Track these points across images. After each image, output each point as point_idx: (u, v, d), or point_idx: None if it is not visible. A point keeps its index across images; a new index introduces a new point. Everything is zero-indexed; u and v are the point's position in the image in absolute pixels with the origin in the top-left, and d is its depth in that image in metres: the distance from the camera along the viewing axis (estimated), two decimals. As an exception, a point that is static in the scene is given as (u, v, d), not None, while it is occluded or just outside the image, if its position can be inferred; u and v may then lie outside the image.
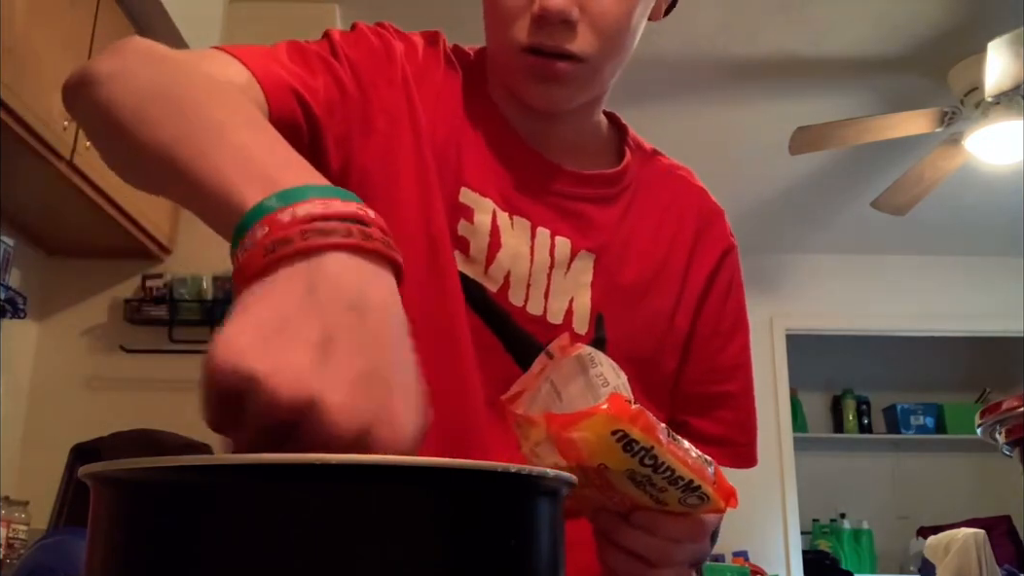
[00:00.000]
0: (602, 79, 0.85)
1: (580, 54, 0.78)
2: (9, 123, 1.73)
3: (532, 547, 0.39)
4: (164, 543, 0.35)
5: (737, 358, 1.00)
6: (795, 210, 4.48)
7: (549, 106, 0.84)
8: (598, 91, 0.87)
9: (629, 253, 0.87)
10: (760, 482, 4.72)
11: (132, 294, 2.52)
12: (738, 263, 1.02)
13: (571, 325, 0.83)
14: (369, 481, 0.35)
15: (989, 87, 2.69)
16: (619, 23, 0.80)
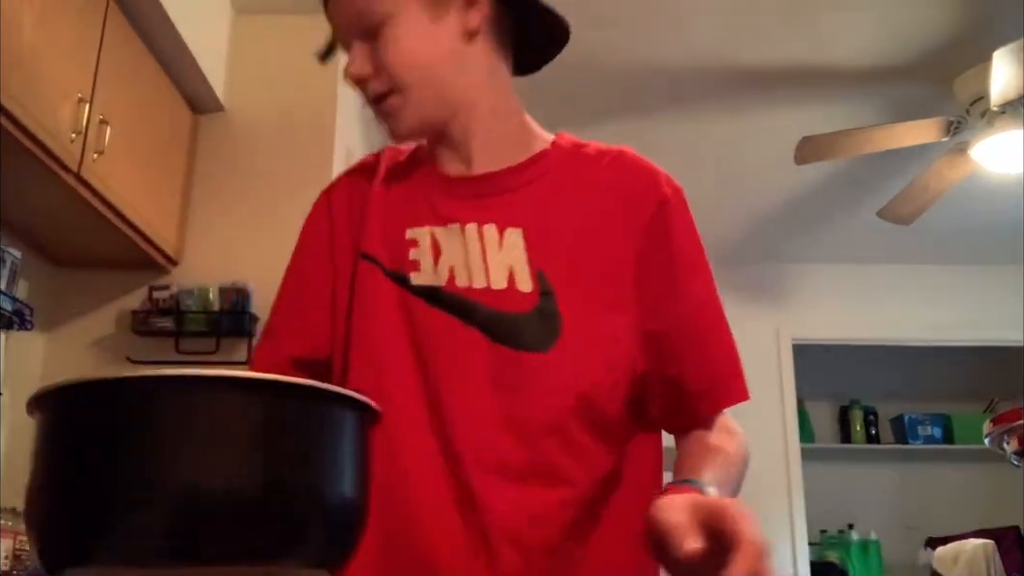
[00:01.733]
0: (438, 99, 0.99)
1: (391, 88, 0.98)
2: (16, 135, 1.74)
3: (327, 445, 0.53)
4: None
5: (699, 296, 1.03)
6: (801, 220, 4.48)
7: (398, 136, 1.03)
8: (447, 109, 1.00)
9: (557, 223, 0.98)
10: (767, 493, 4.71)
11: (139, 305, 2.52)
12: (678, 210, 1.06)
13: (515, 286, 0.94)
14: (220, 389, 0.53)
15: (995, 96, 2.69)
16: (409, 60, 0.97)
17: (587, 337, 0.93)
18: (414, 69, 0.97)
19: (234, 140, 2.69)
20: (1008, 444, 1.88)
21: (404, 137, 1.04)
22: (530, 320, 0.93)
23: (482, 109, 1.02)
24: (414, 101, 0.99)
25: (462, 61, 0.99)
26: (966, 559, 3.93)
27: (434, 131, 1.03)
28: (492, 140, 1.03)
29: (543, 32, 1.10)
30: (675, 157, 3.79)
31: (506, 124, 1.05)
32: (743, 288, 5.04)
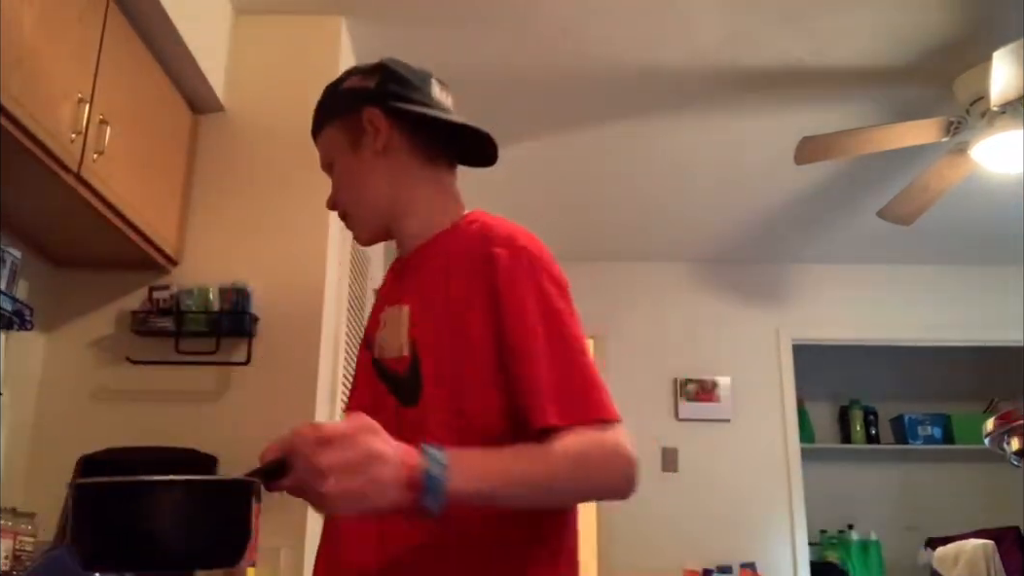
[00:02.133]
0: (373, 213, 1.31)
1: (344, 212, 1.34)
2: (16, 135, 1.74)
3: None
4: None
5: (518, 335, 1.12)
6: (801, 220, 4.48)
7: (360, 243, 1.37)
8: (384, 218, 1.31)
9: (431, 295, 1.19)
10: (767, 493, 4.71)
11: (139, 306, 2.52)
12: (503, 264, 1.18)
13: (401, 353, 1.17)
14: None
15: (994, 96, 2.69)
16: (347, 195, 1.33)
17: (440, 393, 1.11)
18: (352, 200, 1.32)
19: (234, 140, 2.69)
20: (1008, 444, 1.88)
21: (364, 244, 1.37)
22: (405, 381, 1.15)
23: (407, 206, 1.29)
24: (358, 220, 1.33)
25: (383, 177, 1.29)
26: (966, 559, 3.93)
27: (386, 233, 1.33)
28: (414, 229, 1.29)
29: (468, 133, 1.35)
30: (675, 157, 3.80)
31: (425, 213, 1.29)
32: (743, 288, 5.05)
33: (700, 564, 4.57)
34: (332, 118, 1.33)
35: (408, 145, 1.30)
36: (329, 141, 1.34)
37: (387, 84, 1.29)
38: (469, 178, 1.45)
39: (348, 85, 1.32)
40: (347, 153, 1.30)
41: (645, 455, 4.75)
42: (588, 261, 5.06)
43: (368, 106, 1.28)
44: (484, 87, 3.23)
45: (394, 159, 1.29)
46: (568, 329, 1.15)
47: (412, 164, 1.30)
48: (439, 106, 1.33)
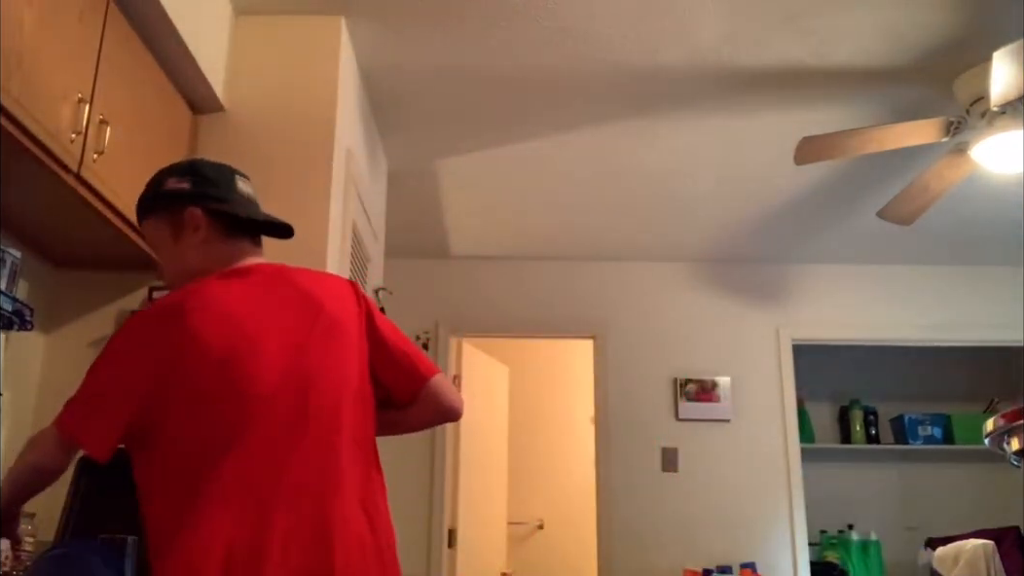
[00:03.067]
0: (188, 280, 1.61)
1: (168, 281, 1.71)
2: (17, 135, 1.74)
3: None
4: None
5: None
6: (801, 220, 4.48)
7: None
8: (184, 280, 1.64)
9: None
10: (767, 493, 4.71)
11: (139, 306, 2.52)
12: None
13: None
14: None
15: (995, 97, 2.69)
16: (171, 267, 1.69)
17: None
18: (175, 275, 1.68)
19: (234, 140, 2.69)
20: (1008, 444, 1.88)
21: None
22: None
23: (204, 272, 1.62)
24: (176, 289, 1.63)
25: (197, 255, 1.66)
26: (966, 559, 3.93)
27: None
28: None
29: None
30: (675, 157, 3.80)
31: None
32: (743, 288, 5.05)
33: (700, 564, 4.57)
34: (155, 212, 1.67)
35: (216, 234, 1.66)
36: (152, 231, 1.68)
37: (204, 186, 1.66)
38: (471, 179, 1.45)
39: (168, 187, 1.66)
40: (168, 241, 1.66)
41: (645, 455, 4.76)
42: (588, 261, 5.07)
43: (189, 205, 1.64)
44: (484, 87, 3.23)
45: (204, 245, 1.65)
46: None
47: (217, 243, 1.66)
48: (243, 197, 1.71)
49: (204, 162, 1.72)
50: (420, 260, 5.03)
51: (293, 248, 2.59)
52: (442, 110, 3.41)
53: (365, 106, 3.27)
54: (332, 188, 2.67)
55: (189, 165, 1.70)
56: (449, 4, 2.75)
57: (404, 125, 3.54)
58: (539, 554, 5.91)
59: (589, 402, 5.07)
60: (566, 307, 5.02)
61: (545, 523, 5.99)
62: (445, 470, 4.75)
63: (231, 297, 1.54)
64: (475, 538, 4.96)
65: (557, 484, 6.04)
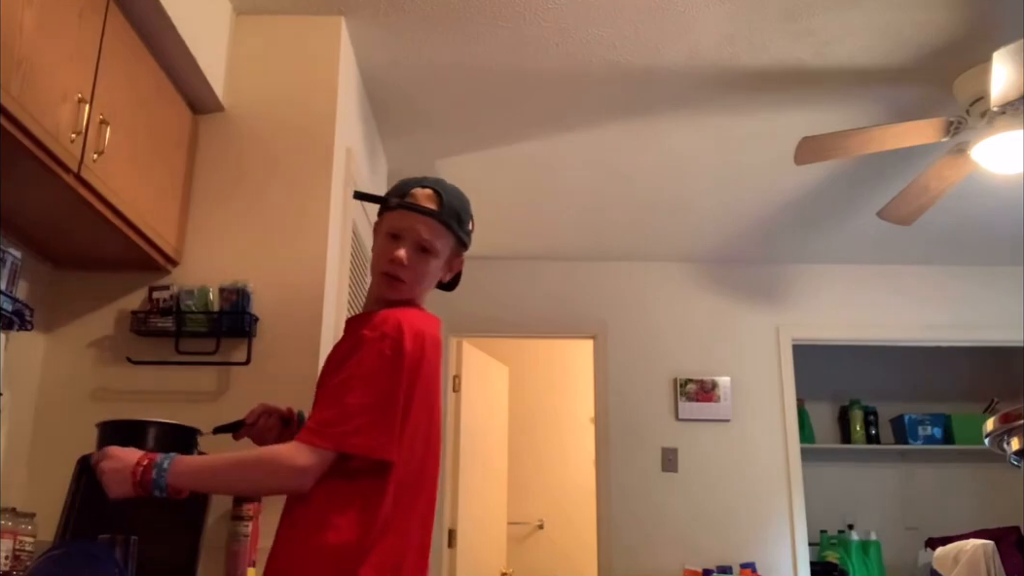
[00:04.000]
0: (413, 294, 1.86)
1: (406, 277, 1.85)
2: (17, 136, 1.74)
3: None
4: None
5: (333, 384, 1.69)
6: (801, 220, 4.48)
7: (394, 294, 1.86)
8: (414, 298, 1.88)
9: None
10: (767, 493, 4.71)
11: (139, 306, 2.52)
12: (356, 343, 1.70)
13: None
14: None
15: (995, 97, 2.69)
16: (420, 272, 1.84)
17: None
18: (415, 280, 1.83)
19: (234, 140, 2.69)
20: (1008, 444, 1.88)
21: (391, 297, 1.83)
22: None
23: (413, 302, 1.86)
24: (406, 289, 1.83)
25: (430, 285, 1.89)
26: (966, 559, 3.92)
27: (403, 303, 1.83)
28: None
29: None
30: (675, 157, 3.80)
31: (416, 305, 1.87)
32: (743, 288, 5.05)
33: (700, 564, 4.57)
34: (456, 237, 1.86)
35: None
36: (446, 244, 1.84)
37: (469, 239, 1.90)
38: (471, 179, 1.46)
39: (470, 228, 1.90)
40: (441, 261, 1.85)
41: (645, 455, 4.76)
42: (588, 261, 5.07)
43: (463, 254, 1.92)
44: (484, 87, 3.23)
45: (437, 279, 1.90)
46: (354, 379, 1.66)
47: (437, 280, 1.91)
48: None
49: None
50: (420, 260, 5.02)
51: (294, 248, 2.59)
52: (442, 110, 3.41)
53: (365, 106, 3.27)
54: (332, 188, 2.67)
55: (470, 213, 1.89)
56: (449, 4, 2.75)
57: (404, 125, 3.54)
58: (539, 554, 5.91)
59: (589, 402, 5.08)
60: (566, 307, 5.02)
61: (545, 523, 5.99)
62: (445, 470, 4.75)
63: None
64: (475, 538, 4.96)
65: (557, 484, 6.04)
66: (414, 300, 1.84)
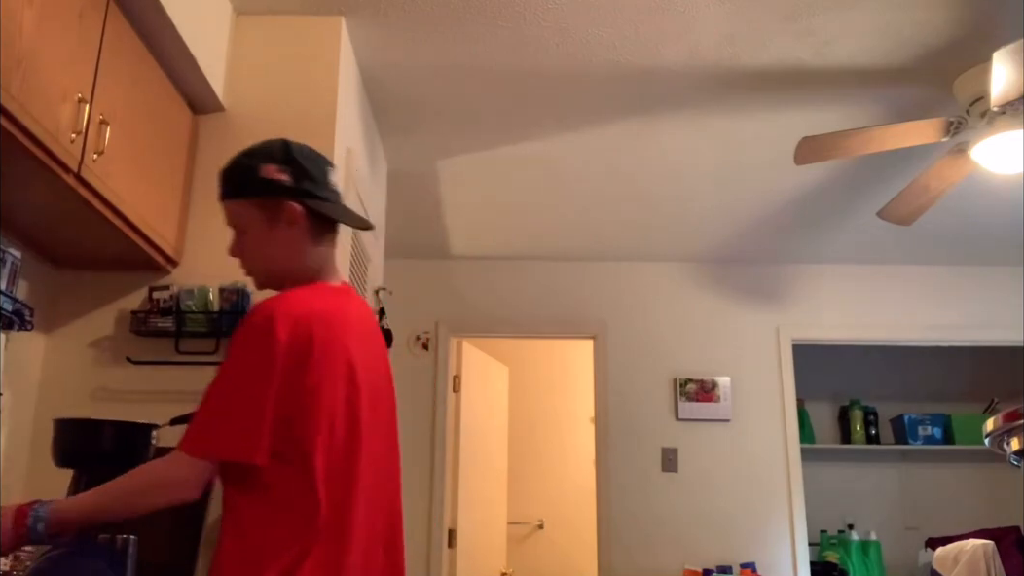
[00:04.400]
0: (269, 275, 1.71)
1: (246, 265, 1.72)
2: (17, 136, 1.74)
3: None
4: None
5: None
6: (801, 220, 4.48)
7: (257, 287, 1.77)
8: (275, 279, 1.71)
9: None
10: (767, 493, 4.71)
11: (139, 306, 2.52)
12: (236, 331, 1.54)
13: None
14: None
15: (995, 97, 2.69)
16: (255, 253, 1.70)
17: None
18: (256, 262, 1.69)
19: (234, 140, 2.68)
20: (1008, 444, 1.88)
21: (258, 288, 1.74)
22: None
23: (294, 274, 1.67)
24: (257, 276, 1.71)
25: (284, 251, 1.67)
26: (966, 559, 3.92)
27: (276, 287, 1.68)
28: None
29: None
30: (675, 157, 3.80)
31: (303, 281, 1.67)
32: (743, 288, 5.05)
33: (700, 564, 4.57)
34: (248, 196, 1.66)
35: (309, 230, 1.67)
36: (243, 213, 1.66)
37: (302, 180, 1.65)
38: (471, 179, 1.47)
39: (266, 175, 1.64)
40: (261, 227, 1.65)
41: (645, 455, 4.76)
42: (588, 261, 5.07)
43: (289, 200, 1.64)
44: (484, 87, 3.23)
45: (297, 239, 1.66)
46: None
47: (308, 242, 1.67)
48: (334, 193, 1.71)
49: (300, 150, 1.69)
50: (420, 260, 5.03)
51: (293, 248, 2.59)
52: (442, 110, 3.41)
53: (365, 106, 3.27)
54: (332, 188, 2.66)
55: (286, 151, 1.67)
56: (449, 4, 2.75)
57: (404, 125, 3.54)
58: (539, 554, 5.91)
59: (589, 402, 5.08)
60: (566, 307, 5.02)
61: (545, 523, 6.00)
62: (445, 470, 4.75)
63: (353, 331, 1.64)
64: (475, 538, 4.96)
65: (557, 484, 6.04)
66: (293, 277, 1.67)
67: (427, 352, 4.93)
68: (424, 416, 4.82)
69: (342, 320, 1.60)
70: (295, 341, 1.49)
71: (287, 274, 1.67)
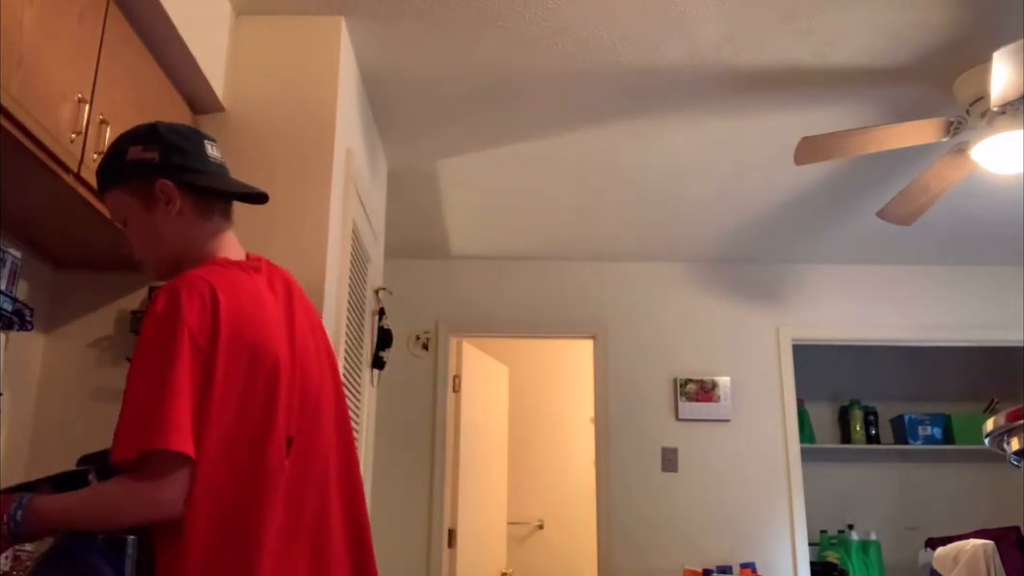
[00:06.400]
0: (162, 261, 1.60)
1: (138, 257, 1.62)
2: (17, 136, 1.74)
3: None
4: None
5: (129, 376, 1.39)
6: (801, 220, 4.48)
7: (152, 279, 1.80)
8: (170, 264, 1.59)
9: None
10: (767, 493, 4.71)
11: (139, 306, 2.53)
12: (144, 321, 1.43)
13: None
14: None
15: (995, 97, 2.69)
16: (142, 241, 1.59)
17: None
18: (145, 250, 1.59)
19: (234, 140, 2.69)
20: (1008, 444, 1.88)
21: (155, 279, 1.63)
22: None
23: (188, 254, 1.57)
24: (151, 265, 1.61)
25: (171, 232, 1.57)
26: (966, 559, 3.92)
27: (174, 272, 1.52)
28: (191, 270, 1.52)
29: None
30: (675, 157, 3.80)
31: (199, 259, 1.56)
32: (743, 288, 5.05)
33: (700, 564, 4.57)
34: (121, 183, 1.57)
35: (191, 206, 1.57)
36: (120, 202, 1.57)
37: (170, 155, 1.56)
38: (471, 179, 1.46)
39: (133, 157, 1.56)
40: (140, 213, 1.56)
41: (645, 455, 4.76)
42: (588, 261, 5.07)
43: (160, 178, 1.54)
44: (484, 87, 3.23)
45: (180, 218, 1.56)
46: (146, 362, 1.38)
47: (194, 220, 1.58)
48: (214, 164, 1.62)
49: (168, 127, 1.61)
50: (420, 260, 5.03)
51: (294, 248, 2.59)
52: (442, 110, 3.41)
53: (365, 106, 3.27)
54: (332, 188, 2.67)
55: (151, 130, 1.59)
56: (449, 4, 2.75)
57: (404, 125, 3.54)
58: (539, 554, 5.91)
59: (589, 402, 5.08)
60: (566, 307, 5.02)
61: (545, 523, 6.00)
62: (445, 470, 4.75)
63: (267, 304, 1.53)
64: (475, 538, 4.96)
65: (557, 484, 6.04)
66: (189, 259, 1.55)
67: (427, 352, 4.93)
68: (424, 416, 4.82)
69: (240, 289, 1.48)
70: (203, 316, 1.38)
71: (179, 257, 1.57)
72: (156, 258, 1.59)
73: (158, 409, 1.31)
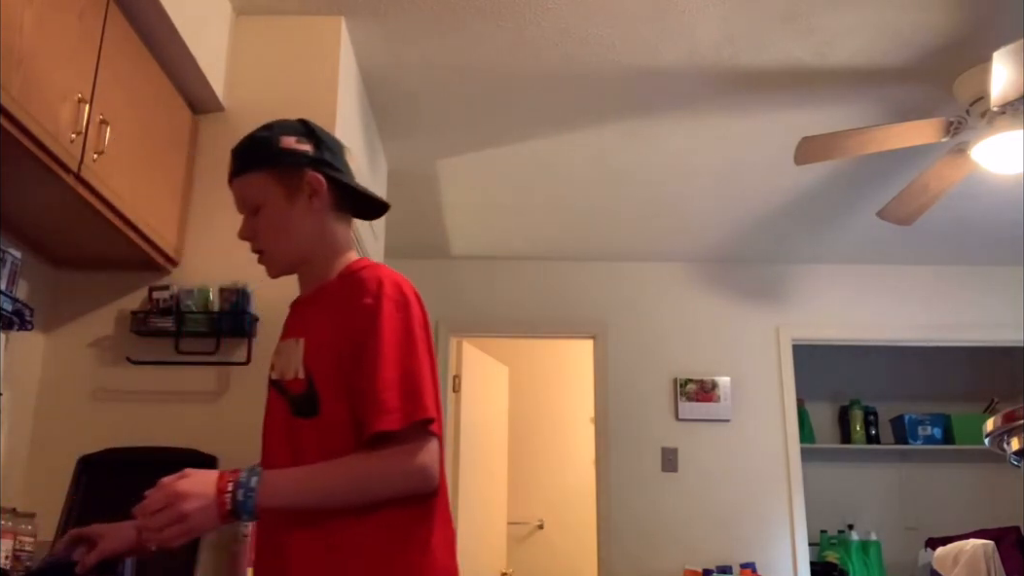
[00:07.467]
0: (289, 257, 1.57)
1: (261, 249, 1.57)
2: (17, 136, 1.74)
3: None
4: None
5: (371, 357, 1.38)
6: (801, 220, 4.48)
7: (270, 276, 1.61)
8: (295, 261, 1.58)
9: (316, 331, 1.47)
10: (767, 493, 4.71)
11: (139, 306, 2.52)
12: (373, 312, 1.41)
13: (297, 376, 1.44)
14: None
15: (995, 97, 2.69)
16: (273, 232, 1.54)
17: (339, 408, 1.39)
18: (274, 242, 1.55)
19: (234, 140, 2.67)
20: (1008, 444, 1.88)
21: (273, 277, 1.61)
22: (302, 398, 1.42)
23: (316, 254, 1.56)
24: (275, 259, 1.57)
25: (306, 228, 1.55)
26: (966, 559, 3.92)
27: (292, 271, 1.59)
28: (315, 275, 1.57)
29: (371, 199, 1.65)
30: (675, 157, 3.81)
31: (325, 263, 1.56)
32: (743, 288, 5.05)
33: (700, 564, 4.57)
34: (267, 167, 1.55)
35: (331, 205, 1.57)
36: (260, 187, 1.54)
37: (323, 152, 1.57)
38: (471, 179, 1.47)
39: (286, 146, 1.56)
40: (280, 201, 1.54)
41: (645, 455, 4.76)
42: (588, 261, 5.07)
43: (311, 169, 1.54)
44: (484, 87, 3.23)
45: (317, 215, 1.55)
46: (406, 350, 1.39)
47: (329, 220, 1.57)
48: (350, 172, 1.63)
49: (316, 125, 1.63)
50: (420, 260, 5.03)
51: (293, 248, 2.59)
52: (442, 110, 3.41)
53: (365, 106, 3.27)
54: (332, 188, 2.66)
55: (304, 125, 1.61)
56: (449, 5, 2.75)
57: (404, 125, 3.54)
58: (539, 554, 5.91)
59: (589, 402, 5.07)
60: (566, 307, 5.02)
61: (545, 523, 5.99)
62: (445, 470, 4.75)
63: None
64: (475, 538, 4.96)
65: (557, 484, 6.04)
66: (315, 257, 1.56)
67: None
68: (424, 416, 4.81)
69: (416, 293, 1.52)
70: (415, 307, 1.45)
71: (308, 254, 1.55)
72: (282, 251, 1.56)
73: (421, 384, 1.37)
